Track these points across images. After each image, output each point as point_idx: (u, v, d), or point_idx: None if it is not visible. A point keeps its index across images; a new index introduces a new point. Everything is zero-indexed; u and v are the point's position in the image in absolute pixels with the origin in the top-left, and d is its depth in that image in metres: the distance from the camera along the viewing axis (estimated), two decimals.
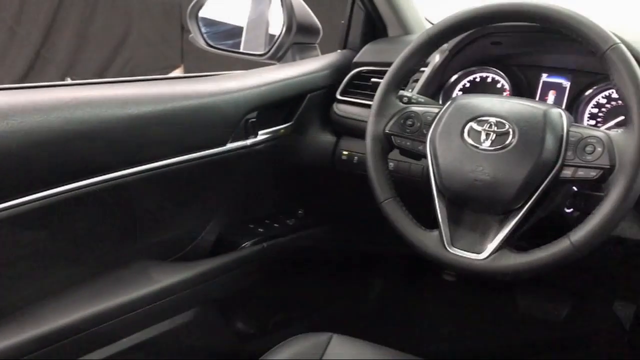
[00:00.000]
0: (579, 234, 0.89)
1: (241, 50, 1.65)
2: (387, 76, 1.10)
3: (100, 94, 1.08)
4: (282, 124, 1.37)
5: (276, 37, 1.53)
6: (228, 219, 1.33)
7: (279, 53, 1.54)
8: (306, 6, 1.53)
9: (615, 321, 1.66)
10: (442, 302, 1.91)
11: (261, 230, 1.38)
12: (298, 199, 1.50)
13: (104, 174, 1.06)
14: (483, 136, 0.98)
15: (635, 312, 1.62)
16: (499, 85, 1.34)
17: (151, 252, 1.22)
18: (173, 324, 1.21)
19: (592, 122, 1.24)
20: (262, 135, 1.31)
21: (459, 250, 0.98)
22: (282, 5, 1.51)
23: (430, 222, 1.03)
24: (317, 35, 1.59)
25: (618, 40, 0.91)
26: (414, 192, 1.11)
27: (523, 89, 1.31)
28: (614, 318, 1.67)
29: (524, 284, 1.64)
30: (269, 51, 1.54)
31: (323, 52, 1.60)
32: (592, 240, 0.88)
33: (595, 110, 1.24)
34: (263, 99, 1.30)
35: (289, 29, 1.50)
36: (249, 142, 1.28)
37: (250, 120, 1.27)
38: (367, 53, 1.49)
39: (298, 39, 1.52)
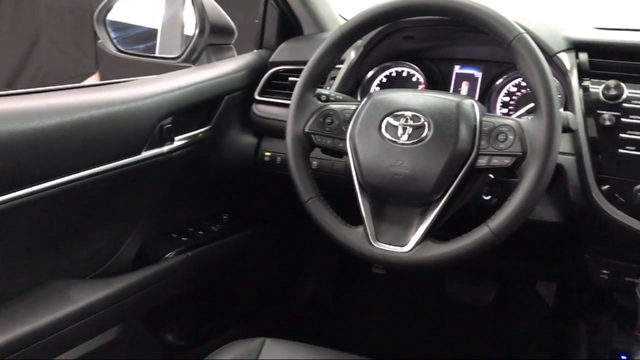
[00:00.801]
0: (496, 221, 0.91)
1: (155, 54, 1.59)
2: (302, 75, 1.09)
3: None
4: (199, 128, 1.33)
5: (189, 39, 1.49)
6: (149, 230, 1.29)
7: (193, 55, 1.49)
8: (218, 6, 1.50)
9: (539, 300, 1.73)
10: (375, 296, 1.92)
11: (185, 239, 1.34)
12: (222, 204, 1.47)
13: (10, 192, 0.99)
14: (400, 130, 0.99)
15: (556, 290, 1.69)
16: (414, 79, 1.36)
17: (69, 270, 1.16)
18: (97, 344, 1.16)
19: (505, 110, 1.28)
20: (179, 141, 1.27)
21: (383, 244, 0.98)
22: (193, 6, 1.47)
23: (356, 219, 1.03)
24: (231, 36, 1.56)
25: (522, 30, 0.94)
26: (338, 190, 1.10)
27: (437, 81, 1.34)
28: (538, 297, 1.74)
29: (451, 270, 1.67)
30: (182, 54, 1.50)
31: (239, 53, 1.58)
32: (509, 226, 0.90)
33: (507, 99, 1.28)
34: (178, 103, 1.26)
35: (202, 30, 1.46)
36: (165, 149, 1.23)
37: (165, 126, 1.23)
38: (283, 52, 1.47)
39: (212, 40, 1.49)
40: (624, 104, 1.05)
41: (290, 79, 1.35)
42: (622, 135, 1.04)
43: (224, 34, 1.53)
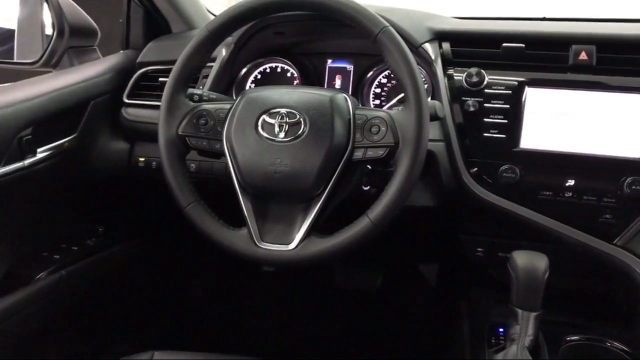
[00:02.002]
0: (375, 211, 0.93)
1: (11, 59, 1.45)
2: (171, 75, 1.05)
3: None
4: (65, 137, 1.24)
5: (47, 42, 1.38)
6: (16, 250, 1.18)
7: (53, 59, 1.39)
8: (77, 6, 1.40)
9: (423, 281, 1.80)
10: (266, 294, 1.91)
11: (57, 256, 1.25)
12: (97, 216, 1.39)
13: None
14: (277, 128, 0.98)
15: (438, 270, 1.78)
16: (289, 75, 1.36)
17: None
18: None
19: (377, 101, 1.31)
20: (42, 152, 1.18)
21: (268, 244, 0.97)
22: (49, 6, 1.36)
23: (240, 220, 1.01)
24: (94, 37, 1.47)
25: (387, 24, 0.96)
26: (220, 191, 1.08)
27: (311, 76, 1.34)
28: (422, 278, 1.81)
29: (339, 260, 1.70)
30: (41, 58, 1.39)
31: (105, 54, 1.49)
32: (388, 215, 0.92)
33: (379, 90, 1.31)
34: (37, 112, 1.16)
35: (60, 32, 1.36)
36: (26, 162, 1.14)
37: (25, 138, 1.13)
38: (151, 52, 1.41)
39: (73, 42, 1.39)
40: (486, 90, 1.11)
41: (160, 79, 1.30)
42: (485, 119, 1.10)
43: (85, 35, 1.44)
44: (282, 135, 0.97)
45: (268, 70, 1.37)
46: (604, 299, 1.24)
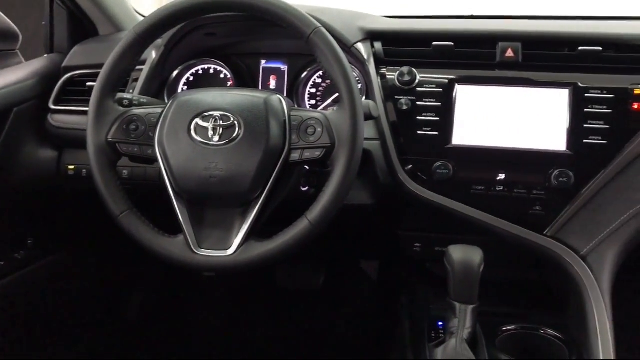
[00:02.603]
0: (314, 212, 0.92)
1: None
2: (99, 80, 1.01)
3: None
4: None
5: None
6: None
7: None
8: None
9: (364, 278, 1.82)
10: (207, 298, 1.88)
11: None
12: (25, 227, 1.32)
13: None
14: (211, 132, 0.96)
15: (378, 267, 1.80)
16: (222, 76, 1.34)
17: None
18: None
19: (313, 102, 1.31)
20: None
21: (206, 250, 0.95)
22: None
23: (176, 227, 0.98)
24: (15, 41, 1.39)
25: (318, 24, 0.95)
26: (155, 198, 1.05)
27: (245, 77, 1.33)
28: (363, 275, 1.83)
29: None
30: None
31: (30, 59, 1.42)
32: (326, 215, 0.92)
33: (314, 91, 1.31)
34: None
35: None
36: None
37: None
38: (77, 55, 1.36)
39: None
40: (418, 89, 1.13)
41: (88, 84, 1.26)
42: (418, 117, 1.12)
43: (5, 39, 1.37)
44: (216, 138, 0.96)
45: (200, 72, 1.34)
46: (537, 288, 1.28)
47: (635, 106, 1.07)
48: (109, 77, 1.01)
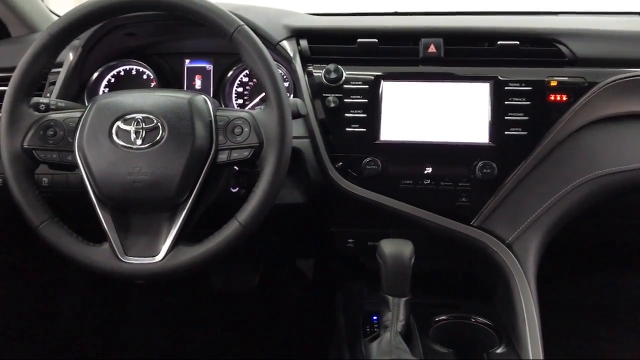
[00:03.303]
0: (244, 213, 0.91)
1: None
2: (11, 83, 0.96)
3: None
4: None
5: None
6: None
7: None
8: None
9: (300, 276, 1.82)
10: (140, 305, 1.83)
11: None
12: None
13: None
14: (133, 135, 0.93)
15: (314, 264, 1.80)
16: (144, 77, 1.30)
17: None
18: None
19: (240, 101, 1.30)
20: None
21: (133, 257, 0.92)
22: None
23: (101, 235, 0.95)
24: None
25: (241, 22, 0.94)
26: (79, 205, 1.00)
27: (169, 77, 1.29)
28: (299, 274, 1.83)
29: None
30: None
31: None
32: (257, 216, 0.91)
33: (241, 90, 1.30)
34: None
35: None
36: None
37: None
38: None
39: None
40: (345, 86, 1.13)
41: None
42: (346, 114, 1.13)
43: None
44: (139, 142, 0.92)
45: (122, 73, 1.30)
46: (468, 277, 1.31)
47: (552, 97, 1.11)
48: (22, 81, 0.96)
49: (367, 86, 1.13)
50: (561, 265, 1.65)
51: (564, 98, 1.11)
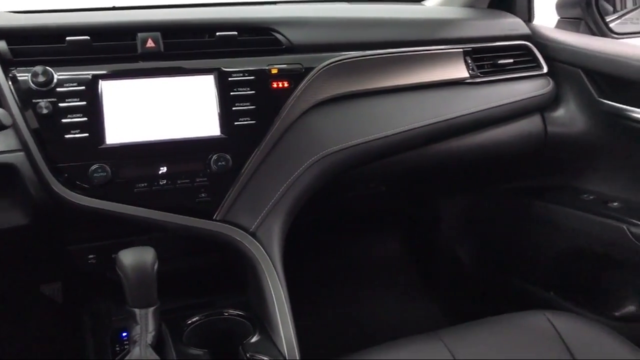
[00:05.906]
0: None
1: None
2: None
3: None
4: None
5: None
6: None
7: None
8: None
9: (46, 303, 1.63)
10: None
11: None
12: None
13: None
14: None
15: (62, 287, 1.63)
16: None
17: None
18: None
19: None
20: None
21: None
22: None
23: None
24: None
25: None
26: None
27: None
28: (45, 300, 1.64)
29: None
30: None
31: None
32: None
33: None
34: None
35: None
36: None
37: None
38: None
39: None
40: (58, 89, 1.03)
41: None
42: (63, 120, 1.03)
43: None
44: None
45: None
46: (221, 272, 1.30)
47: (275, 85, 1.15)
48: None
49: (84, 87, 1.04)
50: (309, 242, 1.74)
51: (286, 84, 1.15)
